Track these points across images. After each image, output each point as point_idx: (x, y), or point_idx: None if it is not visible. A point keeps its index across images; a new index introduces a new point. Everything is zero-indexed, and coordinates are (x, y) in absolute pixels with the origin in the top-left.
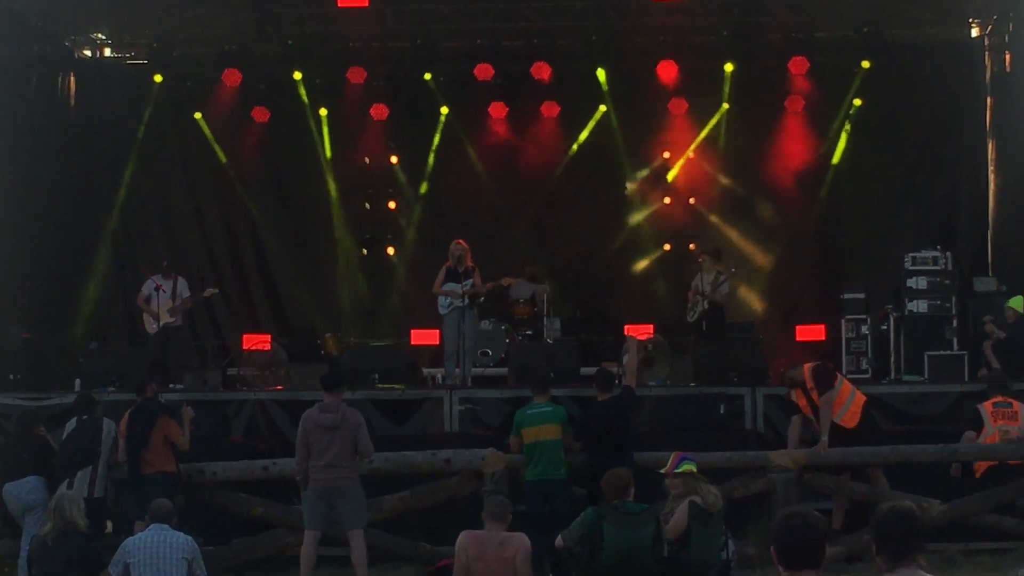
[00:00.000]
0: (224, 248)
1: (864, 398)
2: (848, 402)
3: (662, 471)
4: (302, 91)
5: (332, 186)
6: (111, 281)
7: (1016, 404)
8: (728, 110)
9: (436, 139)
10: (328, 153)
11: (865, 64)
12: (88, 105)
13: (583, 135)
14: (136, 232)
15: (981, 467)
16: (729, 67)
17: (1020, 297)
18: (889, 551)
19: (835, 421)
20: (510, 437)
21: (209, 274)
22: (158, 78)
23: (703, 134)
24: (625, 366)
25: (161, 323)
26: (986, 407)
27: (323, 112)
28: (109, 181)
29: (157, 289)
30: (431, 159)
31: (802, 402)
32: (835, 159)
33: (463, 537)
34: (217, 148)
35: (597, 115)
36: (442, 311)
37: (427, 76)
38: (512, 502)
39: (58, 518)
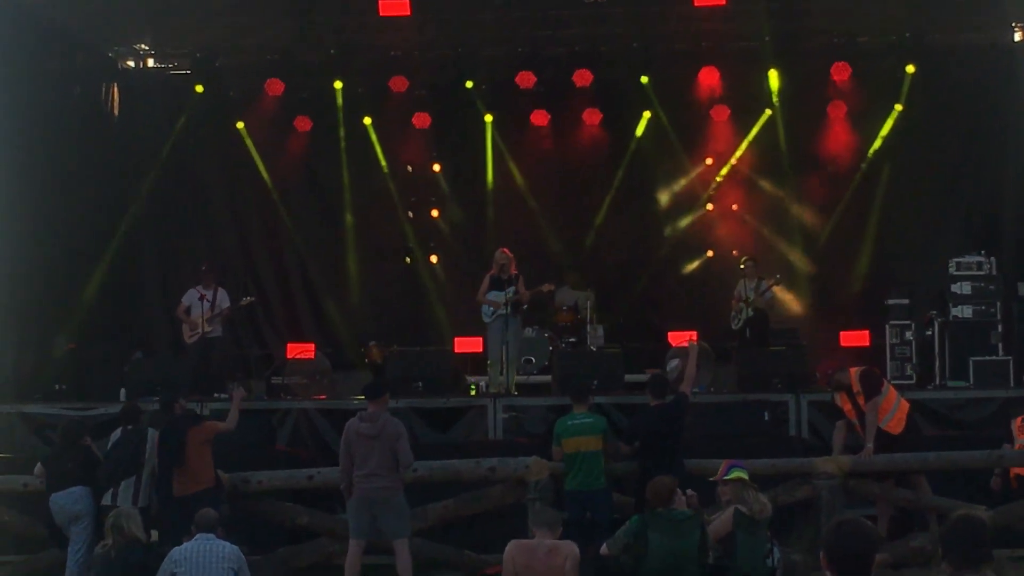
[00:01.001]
0: (267, 257)
1: (908, 405)
2: (894, 408)
3: (712, 479)
4: (339, 100)
5: (375, 194)
6: (154, 290)
7: None
8: (771, 116)
9: (488, 146)
10: (383, 162)
11: (910, 69)
12: (131, 115)
13: (632, 142)
14: (179, 242)
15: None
16: (773, 73)
17: None
18: (956, 558)
19: (880, 427)
20: (552, 447)
21: (251, 284)
22: (199, 88)
23: (748, 139)
24: (673, 371)
25: (199, 332)
26: (1016, 421)
27: (367, 121)
28: (152, 191)
29: (201, 299)
30: (489, 162)
31: (847, 406)
32: (877, 164)
33: (511, 547)
34: (257, 158)
35: (643, 122)
36: (486, 319)
37: (469, 84)
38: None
39: (117, 535)
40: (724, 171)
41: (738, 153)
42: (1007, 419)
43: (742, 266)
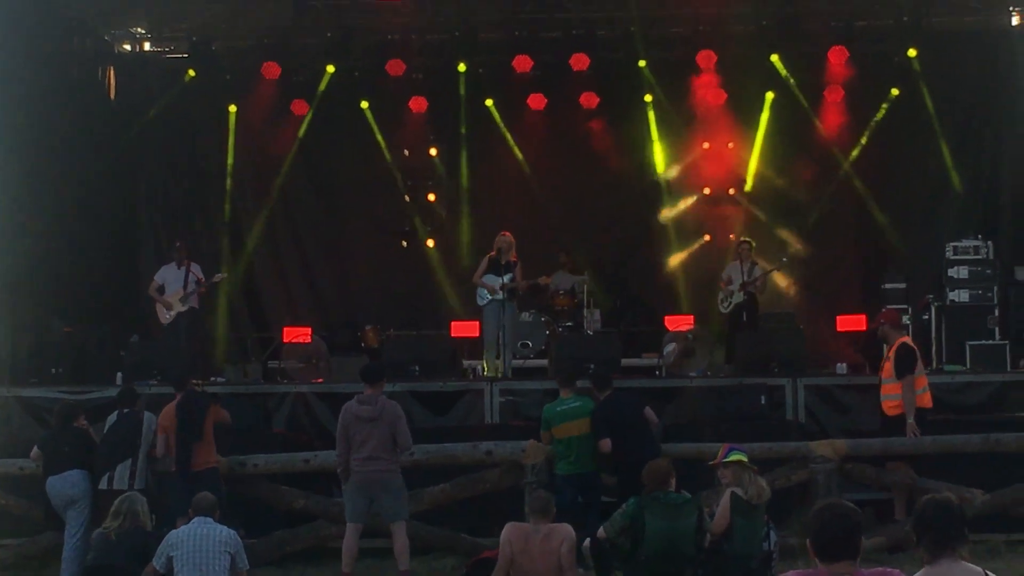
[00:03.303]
0: (263, 241)
1: (928, 404)
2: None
3: (711, 463)
4: (323, 83)
5: (371, 178)
6: (150, 274)
7: None
8: (773, 99)
9: (465, 130)
10: (383, 144)
11: (912, 53)
12: (128, 98)
13: (631, 125)
14: (175, 226)
15: None
16: (775, 57)
17: None
18: (930, 542)
19: (882, 401)
20: (541, 433)
21: (247, 267)
22: (191, 73)
23: (762, 129)
24: (670, 356)
25: (174, 312)
26: None
27: (364, 104)
28: (148, 174)
29: (187, 272)
30: (487, 147)
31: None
32: (874, 148)
33: (508, 529)
34: (231, 144)
35: (650, 106)
36: (480, 302)
37: (461, 67)
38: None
39: (130, 520)
40: (753, 161)
41: (759, 141)
42: (1004, 403)
43: (740, 248)
